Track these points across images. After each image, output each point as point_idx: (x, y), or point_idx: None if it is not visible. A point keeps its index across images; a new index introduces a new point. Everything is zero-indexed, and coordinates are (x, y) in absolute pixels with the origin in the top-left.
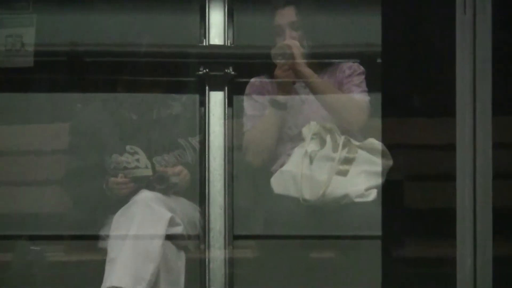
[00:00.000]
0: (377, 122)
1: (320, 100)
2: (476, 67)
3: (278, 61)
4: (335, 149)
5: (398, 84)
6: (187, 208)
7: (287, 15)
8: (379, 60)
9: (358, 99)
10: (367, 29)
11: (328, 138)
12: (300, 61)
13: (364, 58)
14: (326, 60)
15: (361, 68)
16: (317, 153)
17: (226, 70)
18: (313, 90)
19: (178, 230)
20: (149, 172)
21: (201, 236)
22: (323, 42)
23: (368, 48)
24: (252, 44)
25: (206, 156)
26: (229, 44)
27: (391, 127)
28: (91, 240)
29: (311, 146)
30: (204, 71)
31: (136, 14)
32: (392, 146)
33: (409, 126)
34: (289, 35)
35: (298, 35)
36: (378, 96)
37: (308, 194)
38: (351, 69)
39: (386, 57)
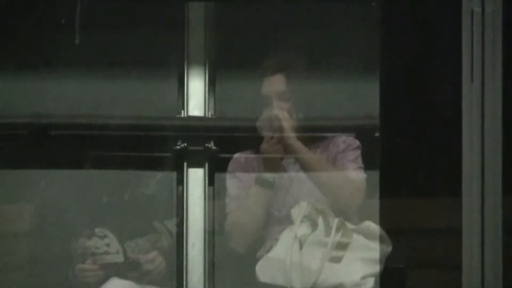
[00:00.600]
0: (375, 203)
1: (311, 178)
2: (484, 141)
3: (265, 134)
4: (327, 233)
5: (398, 161)
6: None
7: (275, 84)
8: (377, 134)
9: (354, 177)
10: (364, 100)
11: (320, 221)
12: (290, 134)
13: (360, 132)
14: (319, 134)
15: (357, 143)
16: (308, 237)
17: (206, 145)
18: (304, 166)
19: None
20: (120, 258)
21: None
22: (315, 114)
23: (365, 120)
24: (235, 116)
25: (184, 241)
26: (210, 116)
27: (390, 208)
28: None
29: (301, 229)
30: (182, 145)
31: (108, 82)
32: (391, 229)
33: (410, 207)
34: (277, 106)
35: (287, 106)
36: (376, 174)
37: (298, 283)
38: (346, 143)
39: (385, 130)
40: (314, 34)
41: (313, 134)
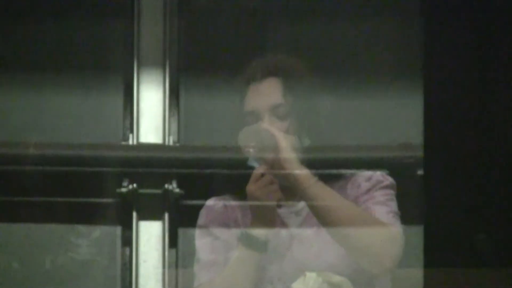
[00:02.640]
0: (416, 274)
1: (326, 225)
2: None
3: (253, 164)
4: None
5: (450, 211)
6: None
7: (267, 94)
8: (420, 172)
9: (384, 226)
10: (401, 122)
11: None
12: (291, 163)
13: (395, 168)
14: (332, 171)
15: (388, 179)
16: None
17: (166, 186)
18: (321, 214)
19: None
20: None
21: None
22: (326, 140)
23: (401, 152)
24: (208, 144)
25: None
26: (171, 144)
27: (439, 280)
28: None
29: None
30: (130, 187)
31: (21, 92)
32: None
33: (468, 279)
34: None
35: (284, 126)
36: (418, 231)
37: None
38: (372, 181)
39: (432, 167)
40: (324, 27)
41: (324, 170)
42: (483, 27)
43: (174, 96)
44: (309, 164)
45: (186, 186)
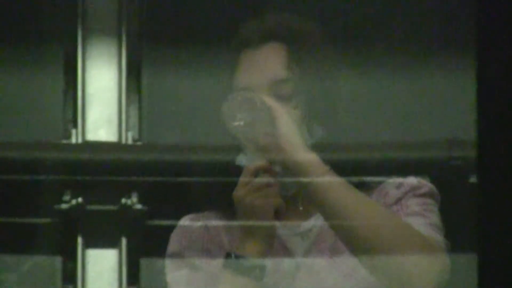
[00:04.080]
0: None
1: (344, 237)
2: None
3: (243, 163)
4: None
5: (509, 231)
6: None
7: (266, 65)
8: (473, 179)
9: (425, 237)
10: (447, 113)
11: None
12: (292, 139)
13: (439, 173)
14: (354, 178)
15: (427, 186)
16: None
17: (123, 201)
18: (331, 212)
19: None
20: None
21: None
22: (348, 134)
23: (448, 152)
24: (181, 143)
25: None
26: (130, 142)
27: None
28: None
29: None
30: (74, 202)
31: None
32: None
33: None
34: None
35: (289, 109)
36: (469, 258)
37: None
38: (403, 188)
39: (488, 172)
40: None
41: (344, 176)
42: None
43: (134, 76)
44: (324, 164)
45: (151, 200)
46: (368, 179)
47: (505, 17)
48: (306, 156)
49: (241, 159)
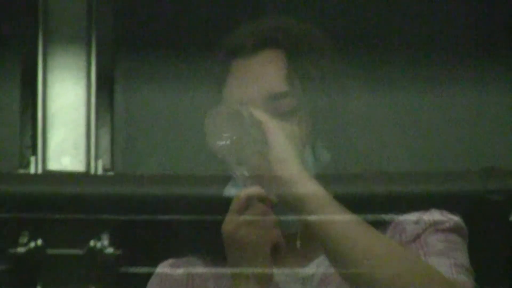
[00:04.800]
0: None
1: (357, 284)
2: None
3: (232, 194)
4: None
5: None
6: None
7: (262, 76)
8: None
9: (449, 281)
10: (481, 134)
11: None
12: (286, 161)
13: (471, 208)
14: (367, 215)
15: (452, 220)
16: None
17: (92, 244)
18: (336, 251)
19: None
20: None
21: None
22: (358, 157)
23: (483, 181)
24: (161, 173)
25: None
26: (100, 172)
27: None
28: None
29: None
30: (32, 245)
31: None
32: None
33: None
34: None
35: (289, 128)
36: None
37: None
38: (422, 223)
39: None
40: None
41: (354, 212)
42: None
43: (105, 92)
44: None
45: (124, 242)
46: (384, 216)
47: None
48: (306, 184)
49: (230, 190)
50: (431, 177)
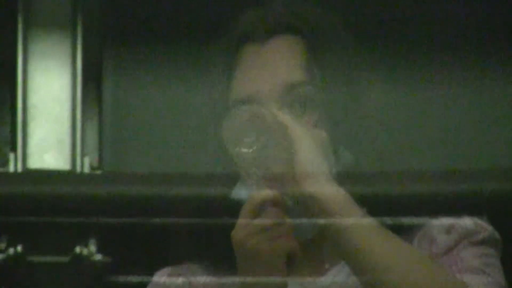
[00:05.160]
0: None
1: None
2: None
3: (242, 197)
4: None
5: None
6: None
7: (276, 64)
8: None
9: None
10: None
11: None
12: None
13: (502, 212)
14: (391, 219)
15: (487, 230)
16: None
17: (78, 250)
18: (361, 264)
19: None
20: None
21: None
22: (383, 157)
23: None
24: (156, 172)
25: None
26: (87, 170)
27: None
28: None
29: None
30: (11, 251)
31: None
32: None
33: None
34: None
35: (309, 123)
36: None
37: None
38: (454, 233)
39: None
40: None
41: (377, 216)
42: None
43: (92, 84)
44: (354, 199)
45: (114, 249)
46: (410, 219)
47: None
48: (331, 190)
49: (239, 191)
50: (457, 176)
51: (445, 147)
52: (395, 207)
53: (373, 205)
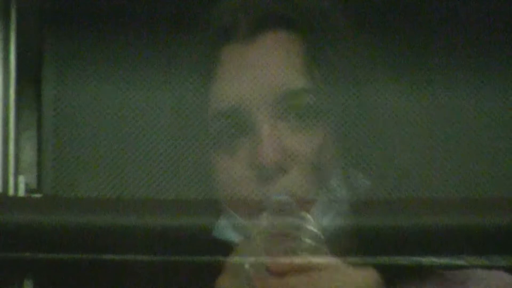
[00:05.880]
0: None
1: None
2: None
3: (231, 237)
4: None
5: None
6: None
7: (269, 66)
8: None
9: None
10: None
11: None
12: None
13: None
14: (400, 259)
15: None
16: None
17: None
18: None
19: None
20: None
21: None
22: (400, 182)
23: None
24: (110, 195)
25: None
26: (22, 192)
27: None
28: None
29: None
30: None
31: None
32: None
33: None
34: (270, 143)
35: (310, 144)
36: None
37: None
38: None
39: None
40: None
41: (393, 255)
42: None
43: (29, 83)
44: (362, 239)
45: None
46: (430, 260)
47: None
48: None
49: (225, 231)
50: (491, 208)
51: (483, 167)
52: (419, 244)
53: (392, 240)
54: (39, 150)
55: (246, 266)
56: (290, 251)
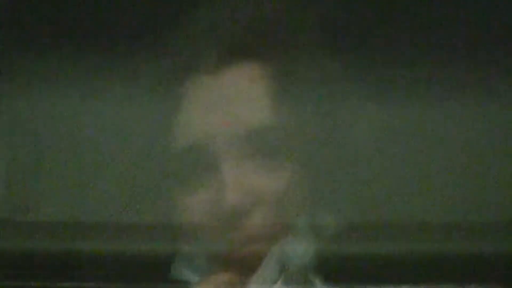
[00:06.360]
0: None
1: None
2: None
3: (188, 277)
4: None
5: None
6: None
7: (235, 103)
8: None
9: None
10: None
11: None
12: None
13: None
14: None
15: None
16: None
17: None
18: None
19: None
20: None
21: None
22: (383, 212)
23: None
24: (71, 220)
25: None
26: None
27: None
28: None
29: None
30: None
31: None
32: None
33: None
34: (234, 182)
35: (279, 184)
36: None
37: None
38: None
39: None
40: None
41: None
42: None
43: None
44: (328, 274)
45: None
46: None
47: None
48: None
49: (183, 272)
50: (479, 232)
51: (466, 191)
52: (396, 274)
53: (367, 271)
54: None
55: None
56: None
